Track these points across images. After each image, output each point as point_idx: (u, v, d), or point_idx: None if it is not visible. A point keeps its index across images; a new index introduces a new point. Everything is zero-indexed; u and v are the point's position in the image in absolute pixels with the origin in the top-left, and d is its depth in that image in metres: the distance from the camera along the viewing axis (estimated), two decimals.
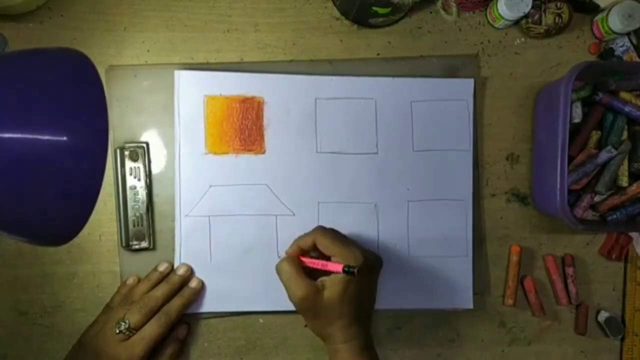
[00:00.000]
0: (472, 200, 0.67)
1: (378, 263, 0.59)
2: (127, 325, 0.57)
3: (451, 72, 0.68)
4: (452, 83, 0.67)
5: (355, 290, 0.55)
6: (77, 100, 0.39)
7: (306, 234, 0.59)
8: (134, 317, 0.58)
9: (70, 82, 0.40)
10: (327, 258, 0.57)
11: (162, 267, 0.63)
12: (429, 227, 0.66)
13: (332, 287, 0.55)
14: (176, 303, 0.60)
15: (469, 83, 0.67)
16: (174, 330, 0.62)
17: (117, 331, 0.57)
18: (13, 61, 0.41)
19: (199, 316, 0.65)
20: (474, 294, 0.67)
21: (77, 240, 0.46)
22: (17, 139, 0.36)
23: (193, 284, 0.62)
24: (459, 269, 0.66)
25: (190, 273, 0.63)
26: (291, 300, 0.57)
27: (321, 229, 0.59)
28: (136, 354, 0.57)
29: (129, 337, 0.57)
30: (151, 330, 0.58)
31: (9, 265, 0.64)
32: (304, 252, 0.59)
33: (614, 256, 0.68)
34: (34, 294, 0.64)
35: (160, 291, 0.60)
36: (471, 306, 0.66)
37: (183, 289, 0.62)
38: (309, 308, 0.56)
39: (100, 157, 0.39)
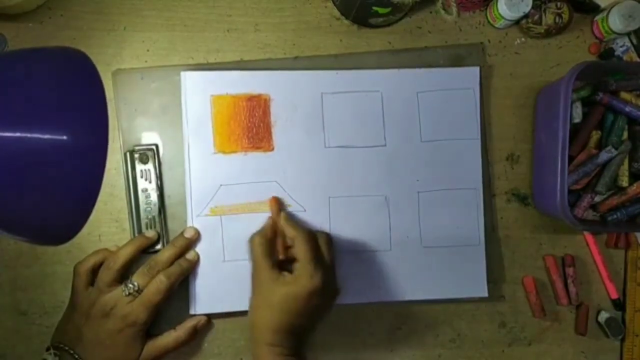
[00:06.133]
0: (482, 188, 0.67)
1: (334, 295, 0.60)
2: (136, 287, 0.58)
3: (456, 62, 0.68)
4: (457, 72, 0.67)
5: (300, 303, 0.55)
6: (77, 99, 0.39)
7: (295, 228, 0.59)
8: (141, 279, 0.59)
9: (70, 81, 0.40)
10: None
11: (189, 234, 0.63)
12: (440, 217, 0.66)
13: (285, 285, 0.55)
14: (174, 269, 0.60)
15: (475, 71, 0.67)
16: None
17: (127, 293, 0.58)
18: (13, 60, 0.41)
19: (214, 316, 0.65)
20: (489, 282, 0.66)
21: (76, 240, 0.46)
22: (17, 138, 0.36)
23: (189, 256, 0.62)
24: (472, 258, 0.66)
25: (198, 236, 0.63)
26: (252, 276, 0.58)
27: (311, 237, 0.59)
28: (140, 318, 0.58)
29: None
30: (150, 295, 0.58)
31: (9, 265, 0.64)
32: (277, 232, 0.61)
33: (620, 245, 0.68)
34: (33, 294, 0.64)
35: (167, 254, 0.61)
36: (486, 294, 0.66)
37: (180, 258, 0.62)
38: (260, 292, 0.57)
39: (100, 156, 0.39)
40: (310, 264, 0.56)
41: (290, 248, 0.59)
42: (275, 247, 0.60)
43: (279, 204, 0.63)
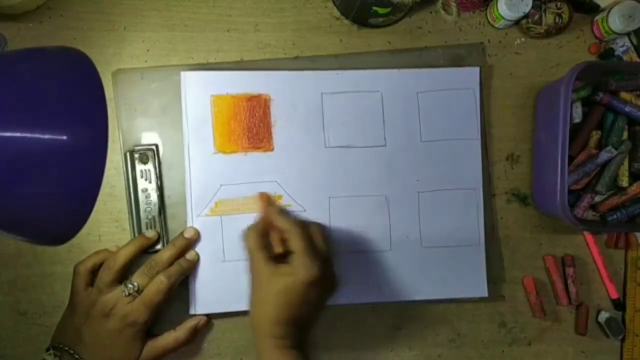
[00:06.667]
0: (482, 189, 0.67)
1: (332, 285, 0.59)
2: (136, 288, 0.59)
3: (456, 62, 0.68)
4: (457, 72, 0.67)
5: (299, 295, 0.55)
6: (76, 99, 0.39)
7: (288, 220, 0.59)
8: (141, 279, 0.59)
9: (69, 81, 0.40)
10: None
11: (189, 234, 0.63)
12: (440, 217, 0.66)
13: (282, 277, 0.55)
14: (174, 269, 0.61)
15: (475, 72, 0.67)
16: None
17: (127, 293, 0.58)
18: (13, 60, 0.41)
19: (214, 316, 0.65)
20: (489, 282, 0.66)
21: (76, 240, 0.46)
22: (17, 138, 0.36)
23: (189, 256, 0.63)
24: (472, 258, 0.66)
25: (198, 236, 0.63)
26: (249, 271, 0.58)
27: (304, 228, 0.58)
28: (140, 318, 0.58)
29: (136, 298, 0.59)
30: (150, 295, 0.58)
31: (9, 265, 0.64)
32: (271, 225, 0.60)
33: (620, 245, 0.68)
34: (33, 294, 0.64)
35: (167, 254, 0.61)
36: (486, 294, 0.66)
37: (180, 258, 0.62)
38: (259, 286, 0.57)
39: (100, 156, 0.39)
40: (306, 255, 0.55)
41: (286, 241, 0.59)
42: (269, 241, 0.60)
43: (267, 198, 0.63)
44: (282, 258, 0.58)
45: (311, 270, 0.55)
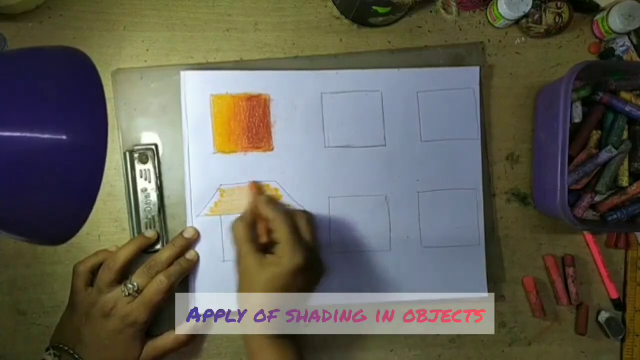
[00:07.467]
0: (482, 189, 0.67)
1: (319, 273, 0.59)
2: (135, 288, 0.58)
3: (457, 62, 0.68)
4: (457, 72, 0.67)
5: (286, 284, 0.55)
6: (76, 99, 0.39)
7: (274, 210, 0.58)
8: (141, 279, 0.59)
9: (69, 81, 0.40)
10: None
11: (189, 234, 0.63)
12: (440, 218, 0.66)
13: (268, 267, 0.55)
14: (175, 269, 0.60)
15: (475, 71, 0.67)
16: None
17: (127, 293, 0.58)
18: (12, 60, 0.41)
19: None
20: (489, 282, 0.66)
21: (76, 240, 0.46)
22: (17, 138, 0.36)
23: (189, 255, 0.62)
24: (472, 258, 0.66)
25: (198, 236, 0.63)
26: (236, 263, 0.58)
27: (290, 217, 0.58)
28: (140, 318, 0.58)
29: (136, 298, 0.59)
30: (151, 295, 0.58)
31: (9, 265, 0.64)
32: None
33: (620, 245, 0.68)
34: (33, 294, 0.64)
35: (167, 254, 0.61)
36: (486, 294, 0.66)
37: (180, 258, 0.62)
38: (246, 277, 0.56)
39: (100, 155, 0.39)
40: (290, 244, 0.55)
41: (272, 231, 0.58)
42: (257, 232, 0.59)
43: (258, 188, 0.63)
44: (270, 248, 0.58)
45: (296, 259, 0.55)
